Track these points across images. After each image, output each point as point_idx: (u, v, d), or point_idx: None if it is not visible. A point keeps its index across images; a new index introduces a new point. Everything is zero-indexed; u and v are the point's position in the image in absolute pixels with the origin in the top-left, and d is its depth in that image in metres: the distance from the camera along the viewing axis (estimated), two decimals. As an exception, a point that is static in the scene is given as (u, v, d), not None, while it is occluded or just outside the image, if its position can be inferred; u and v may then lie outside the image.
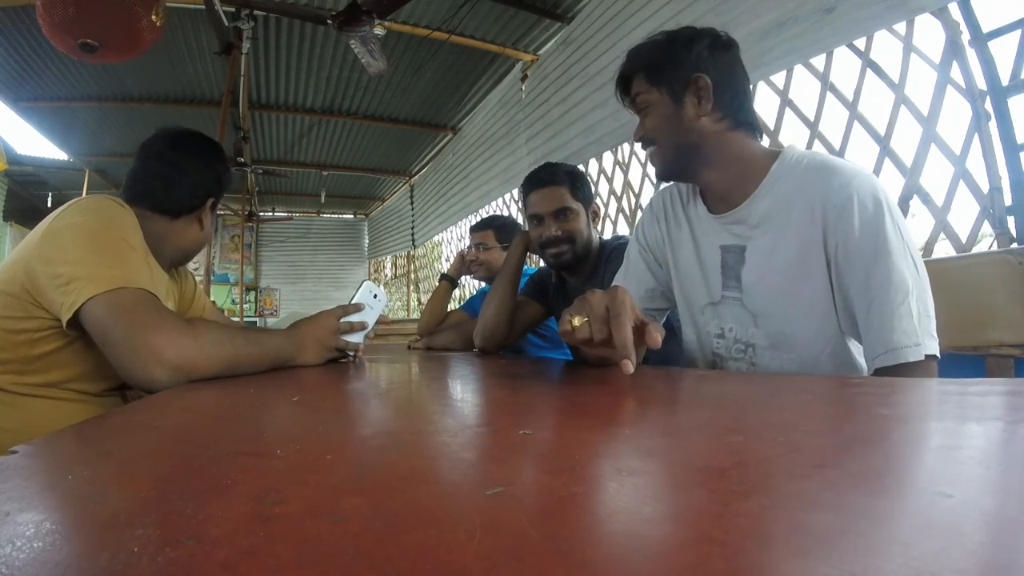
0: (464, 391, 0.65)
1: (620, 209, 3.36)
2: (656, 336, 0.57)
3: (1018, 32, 1.49)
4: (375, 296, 0.97)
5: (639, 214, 2.79)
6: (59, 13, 1.73)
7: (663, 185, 0.99)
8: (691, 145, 0.82)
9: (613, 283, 1.03)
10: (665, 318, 1.03)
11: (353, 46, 2.39)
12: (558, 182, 1.31)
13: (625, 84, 0.89)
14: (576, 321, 0.59)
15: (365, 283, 0.99)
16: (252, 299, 8.28)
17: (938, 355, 0.67)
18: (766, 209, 0.80)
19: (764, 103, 2.27)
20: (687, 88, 0.81)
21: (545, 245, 1.32)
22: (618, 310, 0.56)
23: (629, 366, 0.52)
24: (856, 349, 0.75)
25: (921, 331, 0.67)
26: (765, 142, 0.92)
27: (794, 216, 0.76)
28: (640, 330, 0.58)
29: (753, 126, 0.84)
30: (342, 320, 0.91)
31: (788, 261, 0.77)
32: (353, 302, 0.95)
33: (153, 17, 1.89)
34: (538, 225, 1.34)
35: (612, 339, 0.55)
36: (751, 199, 0.81)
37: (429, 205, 6.03)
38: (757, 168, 0.81)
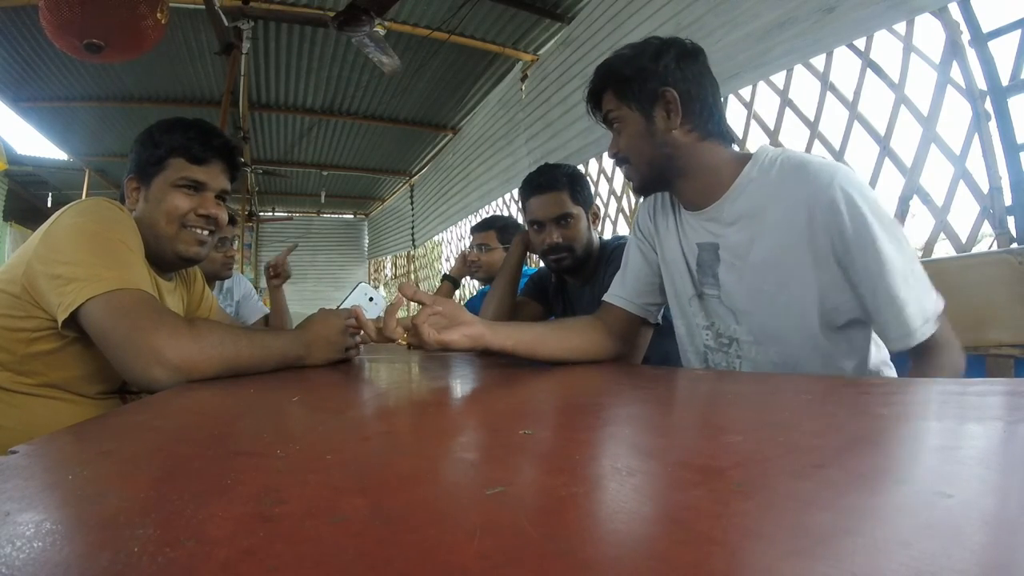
0: (464, 391, 0.65)
1: (620, 209, 3.36)
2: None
3: (1018, 32, 1.49)
4: (371, 299, 0.96)
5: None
6: (65, 15, 1.72)
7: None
8: (664, 158, 0.84)
9: (615, 280, 1.04)
10: (661, 314, 1.04)
11: (366, 50, 2.38)
12: (558, 187, 1.30)
13: (596, 100, 0.91)
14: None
15: (360, 285, 0.98)
16: (252, 299, 8.28)
17: (942, 306, 0.73)
18: (740, 208, 0.82)
19: (764, 103, 2.27)
20: (656, 102, 0.82)
21: (547, 252, 1.32)
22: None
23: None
24: (839, 346, 0.78)
25: (925, 303, 0.71)
26: (765, 141, 0.93)
27: (770, 216, 0.78)
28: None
29: (724, 135, 0.85)
30: (348, 321, 0.89)
31: (766, 260, 0.79)
32: (343, 307, 0.93)
33: (159, 15, 1.88)
34: (539, 231, 1.33)
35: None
36: (724, 198, 0.84)
37: (429, 205, 6.03)
38: (728, 172, 0.83)
